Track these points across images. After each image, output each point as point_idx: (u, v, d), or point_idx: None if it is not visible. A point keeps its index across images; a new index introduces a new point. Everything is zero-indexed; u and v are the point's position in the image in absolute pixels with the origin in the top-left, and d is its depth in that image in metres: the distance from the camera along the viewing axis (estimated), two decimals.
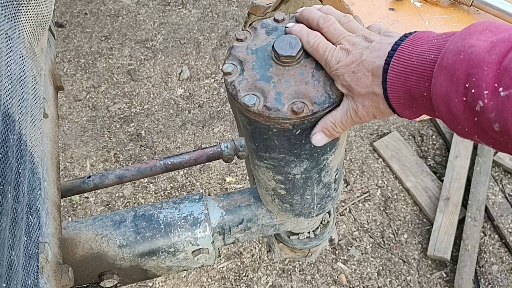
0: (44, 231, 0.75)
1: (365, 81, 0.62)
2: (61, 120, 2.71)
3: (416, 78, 0.56)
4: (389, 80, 0.59)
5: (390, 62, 0.59)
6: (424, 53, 0.56)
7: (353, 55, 0.63)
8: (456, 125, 0.54)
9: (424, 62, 0.56)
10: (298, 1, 1.33)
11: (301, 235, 1.10)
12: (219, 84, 2.90)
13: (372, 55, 0.61)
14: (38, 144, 0.74)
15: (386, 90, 0.60)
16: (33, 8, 0.71)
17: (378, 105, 0.63)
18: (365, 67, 0.61)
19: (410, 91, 0.58)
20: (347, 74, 0.63)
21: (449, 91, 0.52)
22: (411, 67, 0.57)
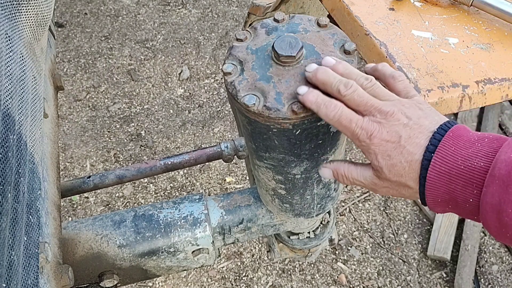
0: (44, 231, 0.75)
1: (400, 170, 0.60)
2: (61, 120, 2.71)
3: (462, 183, 0.56)
4: (430, 180, 0.58)
5: (430, 158, 0.57)
6: (471, 159, 0.56)
7: (388, 132, 0.59)
8: (503, 233, 0.54)
9: (473, 169, 0.55)
10: (298, 1, 1.33)
11: (301, 235, 1.10)
12: (219, 84, 2.90)
13: (412, 142, 0.58)
14: (38, 144, 0.74)
15: (423, 187, 0.59)
16: (33, 8, 0.71)
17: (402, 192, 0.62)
18: (403, 156, 0.59)
19: (453, 194, 0.57)
20: (381, 155, 0.60)
21: (503, 201, 0.52)
22: (457, 170, 0.56)
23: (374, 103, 0.61)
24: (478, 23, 0.93)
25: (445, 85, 0.82)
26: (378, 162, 0.60)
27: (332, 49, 0.71)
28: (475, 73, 0.84)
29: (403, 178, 0.60)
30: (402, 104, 0.61)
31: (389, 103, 0.61)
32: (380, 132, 0.59)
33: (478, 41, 0.90)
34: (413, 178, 0.59)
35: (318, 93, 0.63)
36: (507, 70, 0.86)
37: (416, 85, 0.81)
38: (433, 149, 0.57)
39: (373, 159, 0.61)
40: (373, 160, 0.61)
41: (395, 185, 0.62)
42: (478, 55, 0.87)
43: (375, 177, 0.63)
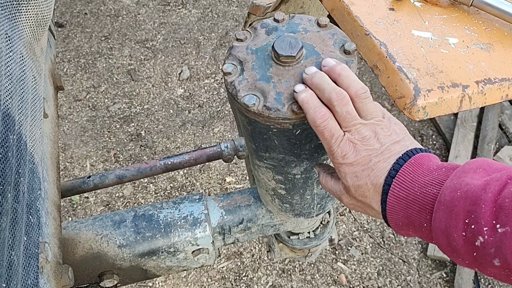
0: (44, 231, 0.75)
1: (365, 192, 0.63)
2: (61, 120, 2.71)
3: (418, 208, 0.59)
4: (389, 204, 0.61)
5: (390, 183, 0.61)
6: (426, 186, 0.58)
7: (361, 155, 0.62)
8: (456, 257, 0.56)
9: (426, 195, 0.58)
10: (298, 1, 1.33)
11: (301, 235, 1.10)
12: (219, 84, 2.90)
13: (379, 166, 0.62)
14: (38, 144, 0.74)
15: (385, 211, 0.62)
16: (33, 8, 0.71)
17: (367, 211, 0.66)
18: (370, 179, 0.62)
19: (410, 218, 0.60)
20: (349, 176, 0.63)
21: (449, 226, 0.55)
22: (413, 196, 0.59)
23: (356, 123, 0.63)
24: (478, 23, 0.93)
25: (445, 85, 0.82)
26: (346, 181, 0.64)
27: (332, 49, 0.71)
28: (475, 73, 0.84)
29: (368, 199, 0.63)
30: (380, 128, 0.64)
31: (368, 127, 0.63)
32: (354, 154, 0.62)
33: (478, 41, 0.90)
34: (376, 200, 0.63)
35: (312, 94, 0.64)
36: (507, 70, 0.86)
37: (416, 85, 0.81)
38: (394, 174, 0.61)
39: (342, 177, 0.65)
40: (342, 178, 0.65)
41: (360, 203, 0.65)
42: (478, 55, 0.87)
43: (344, 192, 0.67)
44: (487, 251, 0.51)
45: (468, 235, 0.53)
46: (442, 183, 0.58)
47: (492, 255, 0.50)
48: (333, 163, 0.65)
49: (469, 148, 2.46)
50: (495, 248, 0.50)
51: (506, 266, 0.50)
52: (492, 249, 0.50)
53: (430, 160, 0.61)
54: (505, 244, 0.49)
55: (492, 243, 0.50)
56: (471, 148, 2.46)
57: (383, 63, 0.85)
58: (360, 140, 0.63)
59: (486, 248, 0.51)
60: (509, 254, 0.49)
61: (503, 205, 0.50)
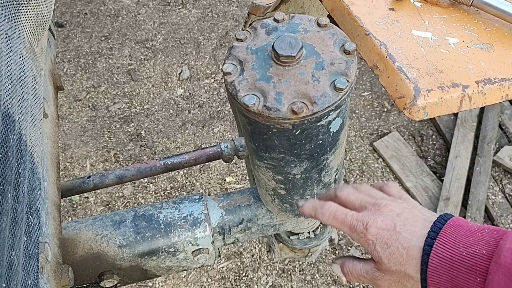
0: (44, 231, 0.75)
1: (398, 258, 0.60)
2: (61, 120, 2.71)
3: (465, 270, 0.56)
4: (432, 265, 0.58)
5: (432, 244, 0.58)
6: (473, 246, 0.56)
7: (383, 221, 0.61)
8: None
9: (475, 256, 0.55)
10: (298, 1, 1.33)
11: (301, 235, 1.10)
12: (219, 84, 2.90)
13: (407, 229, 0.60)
14: (38, 144, 0.74)
15: (425, 273, 0.59)
16: (33, 8, 0.71)
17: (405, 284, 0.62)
18: (400, 242, 0.60)
19: (455, 281, 0.57)
20: (379, 244, 0.61)
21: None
22: (459, 257, 0.56)
23: (368, 199, 0.65)
24: (478, 23, 0.93)
25: (445, 85, 0.82)
26: (377, 252, 0.62)
27: (332, 49, 0.71)
28: (475, 73, 0.84)
29: (403, 267, 0.60)
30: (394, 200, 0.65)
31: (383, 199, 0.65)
32: (376, 221, 0.61)
33: (478, 41, 0.90)
34: (412, 265, 0.60)
35: (314, 201, 0.69)
36: (507, 70, 0.85)
37: (416, 85, 0.81)
38: (434, 236, 0.59)
39: (372, 249, 0.62)
40: (372, 250, 0.62)
41: (396, 276, 0.62)
42: (478, 55, 0.87)
43: (376, 270, 0.64)
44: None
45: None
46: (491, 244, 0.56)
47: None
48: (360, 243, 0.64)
49: (469, 148, 2.46)
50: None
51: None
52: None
53: (467, 222, 0.60)
54: None
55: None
56: (471, 148, 2.46)
57: (383, 63, 0.85)
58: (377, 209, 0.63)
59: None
60: None
61: None
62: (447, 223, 0.60)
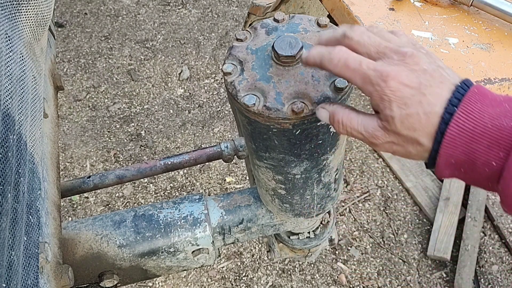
0: (44, 231, 0.75)
1: (414, 123, 0.51)
2: (61, 120, 2.71)
3: (487, 143, 0.49)
4: (449, 136, 0.50)
5: (453, 112, 0.50)
6: (500, 118, 0.49)
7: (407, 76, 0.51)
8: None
9: (502, 129, 0.49)
10: (298, 1, 1.33)
11: (301, 235, 1.10)
12: (219, 84, 2.90)
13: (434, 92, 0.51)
14: (38, 144, 0.74)
15: (438, 144, 0.51)
16: (33, 8, 0.71)
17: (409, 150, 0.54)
18: (423, 106, 0.51)
19: (473, 155, 0.50)
20: (396, 103, 0.51)
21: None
22: (482, 129, 0.49)
23: (388, 44, 0.53)
24: (478, 23, 0.93)
25: None
26: (391, 111, 0.52)
27: None
28: (475, 73, 0.84)
29: (416, 133, 0.52)
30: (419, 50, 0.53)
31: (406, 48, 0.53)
32: (399, 74, 0.51)
33: (478, 41, 0.90)
34: (427, 133, 0.51)
35: (321, 47, 0.57)
36: (507, 70, 0.86)
37: None
38: (456, 103, 0.50)
39: (386, 107, 0.52)
40: (385, 108, 0.52)
41: (402, 140, 0.53)
42: (478, 55, 0.87)
43: (379, 129, 0.54)
44: None
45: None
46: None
47: None
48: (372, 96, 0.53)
49: None
50: None
51: None
52: None
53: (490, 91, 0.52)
54: None
55: None
56: None
57: None
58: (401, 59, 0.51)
59: None
60: None
61: None
62: (470, 89, 0.51)
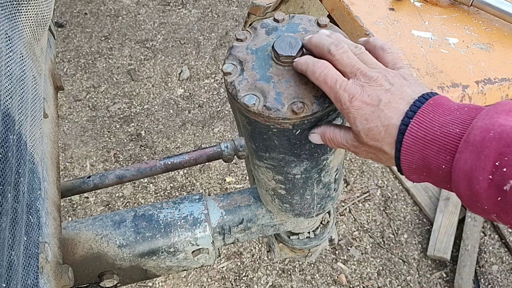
0: (44, 231, 0.75)
1: (376, 135, 0.59)
2: (61, 120, 2.71)
3: (437, 149, 0.55)
4: (405, 144, 0.57)
5: (408, 123, 0.57)
6: (448, 125, 0.55)
7: (369, 95, 0.59)
8: (474, 202, 0.54)
9: (448, 135, 0.55)
10: (298, 1, 1.33)
11: (301, 235, 1.10)
12: (219, 84, 2.90)
13: (391, 106, 0.58)
14: (38, 144, 0.74)
15: (399, 151, 0.58)
16: (33, 8, 0.71)
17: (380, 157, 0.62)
18: (380, 120, 0.59)
19: (427, 160, 0.57)
20: (359, 119, 0.60)
21: (474, 168, 0.52)
22: (432, 136, 0.56)
23: (360, 66, 0.61)
24: (478, 23, 0.93)
25: (445, 85, 0.82)
26: (356, 126, 0.60)
27: None
28: (475, 73, 0.84)
29: (379, 143, 0.60)
30: (387, 72, 0.61)
31: (375, 70, 0.61)
32: (362, 95, 0.59)
33: (478, 41, 0.90)
34: (389, 143, 0.59)
35: (309, 56, 0.65)
36: (507, 70, 0.86)
37: None
38: (412, 115, 0.57)
39: (352, 123, 0.61)
40: (352, 124, 0.61)
41: (372, 149, 0.62)
42: (478, 55, 0.87)
43: (355, 140, 0.63)
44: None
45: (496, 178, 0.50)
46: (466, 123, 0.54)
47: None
48: (342, 112, 0.62)
49: None
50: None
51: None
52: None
53: (449, 100, 0.58)
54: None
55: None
56: None
57: None
58: (367, 82, 0.60)
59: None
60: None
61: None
62: (427, 101, 0.58)
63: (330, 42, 0.65)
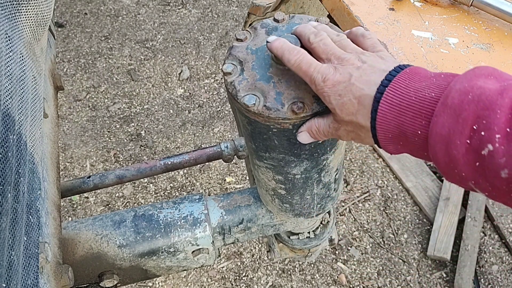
0: (44, 231, 0.75)
1: (350, 108, 0.59)
2: (61, 120, 2.71)
3: (412, 114, 0.54)
4: (380, 112, 0.57)
5: (383, 91, 0.56)
6: (424, 90, 0.54)
7: (341, 73, 0.60)
8: (451, 168, 0.52)
9: (424, 99, 0.54)
10: (298, 1, 1.33)
11: (301, 235, 1.10)
12: (219, 84, 2.90)
13: (362, 79, 0.59)
14: (38, 144, 0.74)
15: (374, 120, 0.58)
16: (33, 8, 0.71)
17: (359, 133, 0.62)
18: (352, 92, 0.59)
19: (402, 126, 0.55)
20: (333, 96, 0.60)
21: (452, 132, 0.50)
22: (408, 101, 0.55)
23: (335, 51, 0.63)
24: (478, 23, 0.93)
25: None
26: (331, 103, 0.61)
27: None
28: None
29: (355, 116, 0.60)
30: (362, 53, 0.63)
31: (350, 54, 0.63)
32: (333, 75, 0.60)
33: (478, 41, 0.90)
34: (363, 114, 0.59)
35: (284, 41, 0.66)
36: (507, 70, 0.85)
37: None
38: (387, 83, 0.57)
39: (327, 101, 0.62)
40: (327, 103, 0.62)
41: (350, 126, 0.62)
42: (478, 55, 0.87)
43: (334, 121, 0.64)
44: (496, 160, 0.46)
45: (474, 143, 0.48)
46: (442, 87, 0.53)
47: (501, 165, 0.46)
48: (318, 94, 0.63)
49: None
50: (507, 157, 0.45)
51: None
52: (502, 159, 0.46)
53: (426, 70, 0.57)
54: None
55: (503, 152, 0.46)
56: None
57: None
58: (339, 63, 0.61)
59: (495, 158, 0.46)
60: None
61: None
62: (403, 70, 0.57)
63: (310, 32, 0.67)
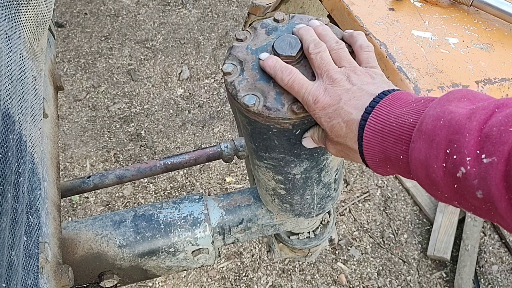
0: (44, 231, 0.75)
1: (339, 131, 0.62)
2: (61, 120, 2.71)
3: (393, 140, 0.56)
4: (365, 138, 0.59)
5: (367, 118, 0.59)
6: (403, 116, 0.56)
7: (331, 96, 0.62)
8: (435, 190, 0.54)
9: (403, 125, 0.56)
10: (298, 1, 1.33)
11: (301, 235, 1.10)
12: (219, 84, 2.90)
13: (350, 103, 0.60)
14: (38, 144, 0.74)
15: (361, 147, 0.60)
16: (33, 8, 0.71)
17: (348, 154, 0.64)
18: (341, 116, 0.61)
19: (386, 152, 0.58)
20: (323, 118, 0.62)
21: (429, 157, 0.52)
22: (389, 128, 0.57)
23: (329, 68, 0.65)
24: (478, 23, 0.93)
25: (445, 85, 0.82)
26: (322, 125, 0.63)
27: None
28: (475, 73, 0.84)
29: (343, 139, 0.62)
30: (353, 71, 0.64)
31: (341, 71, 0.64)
32: (324, 97, 0.62)
33: (478, 41, 0.90)
34: (351, 138, 0.61)
35: (277, 59, 0.67)
36: (507, 70, 0.85)
37: (416, 85, 0.81)
38: (370, 110, 0.59)
39: (319, 122, 0.64)
40: (319, 123, 0.64)
41: (339, 146, 0.64)
42: (478, 55, 0.87)
43: (326, 139, 0.66)
44: (470, 182, 0.48)
45: (449, 166, 0.50)
46: (420, 113, 0.55)
47: (475, 187, 0.48)
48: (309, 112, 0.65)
49: None
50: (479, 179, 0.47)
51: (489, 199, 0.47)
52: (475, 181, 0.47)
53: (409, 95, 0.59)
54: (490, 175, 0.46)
55: (475, 174, 0.47)
56: None
57: (383, 63, 0.85)
58: (330, 84, 0.63)
59: (468, 180, 0.48)
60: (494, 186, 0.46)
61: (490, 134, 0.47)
62: (386, 96, 0.59)
63: (311, 40, 0.68)
